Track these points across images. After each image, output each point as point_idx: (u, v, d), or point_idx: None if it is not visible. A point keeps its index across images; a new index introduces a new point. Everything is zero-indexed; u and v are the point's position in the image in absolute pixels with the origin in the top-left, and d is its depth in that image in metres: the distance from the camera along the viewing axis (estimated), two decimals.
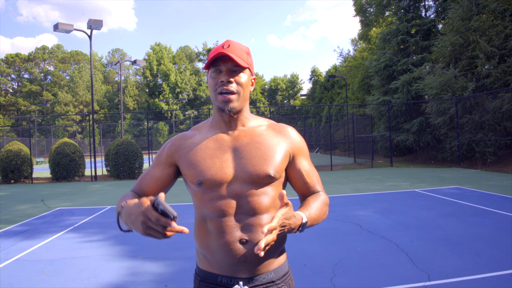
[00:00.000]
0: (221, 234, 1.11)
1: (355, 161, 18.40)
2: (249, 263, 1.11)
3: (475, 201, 6.80)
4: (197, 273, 1.21)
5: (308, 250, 4.23)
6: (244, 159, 1.15)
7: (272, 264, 1.16)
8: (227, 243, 1.10)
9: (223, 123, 1.21)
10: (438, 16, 20.16)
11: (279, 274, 1.17)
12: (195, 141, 1.21)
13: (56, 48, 63.28)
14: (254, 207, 1.12)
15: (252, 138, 1.19)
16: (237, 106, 1.16)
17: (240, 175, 1.13)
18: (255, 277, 1.13)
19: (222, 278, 1.13)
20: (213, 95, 1.18)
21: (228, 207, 1.12)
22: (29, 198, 9.86)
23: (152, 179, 1.25)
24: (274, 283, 1.15)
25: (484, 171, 12.11)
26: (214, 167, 1.14)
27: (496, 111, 12.83)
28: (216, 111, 1.21)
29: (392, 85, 19.04)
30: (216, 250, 1.12)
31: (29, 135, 15.44)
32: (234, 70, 1.15)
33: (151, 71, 55.43)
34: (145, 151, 20.73)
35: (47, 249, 4.69)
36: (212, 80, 1.18)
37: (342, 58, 37.79)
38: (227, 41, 1.18)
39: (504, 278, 3.20)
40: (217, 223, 1.12)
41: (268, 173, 1.14)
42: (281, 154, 1.18)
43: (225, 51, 1.12)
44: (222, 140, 1.19)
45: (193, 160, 1.17)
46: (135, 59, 21.34)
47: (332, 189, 9.32)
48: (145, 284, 3.43)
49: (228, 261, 1.11)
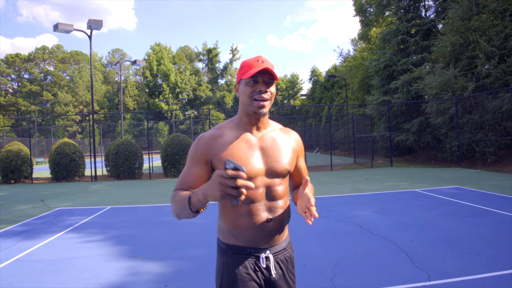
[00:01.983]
0: (252, 215, 1.40)
1: (355, 161, 18.40)
2: (271, 237, 1.44)
3: (475, 201, 6.80)
4: (225, 249, 1.47)
5: (308, 250, 4.23)
6: (270, 157, 1.44)
7: (283, 237, 1.51)
8: (257, 222, 1.40)
9: (250, 125, 1.46)
10: (438, 16, 20.15)
11: (287, 243, 1.55)
12: (226, 140, 1.43)
13: (56, 48, 63.28)
14: (276, 194, 1.44)
15: (273, 140, 1.48)
16: (267, 111, 1.43)
17: (269, 169, 1.43)
18: (274, 246, 1.47)
19: (250, 249, 1.44)
20: (248, 100, 1.40)
21: (258, 194, 1.41)
22: (29, 198, 9.86)
23: (194, 176, 1.43)
24: (285, 249, 1.52)
25: (484, 171, 12.10)
26: (249, 163, 1.39)
27: (496, 111, 12.83)
28: (245, 113, 1.44)
29: (392, 85, 19.03)
30: (247, 228, 1.41)
31: (29, 135, 15.44)
32: (269, 81, 1.40)
33: (151, 71, 55.42)
34: (145, 151, 20.74)
35: (47, 249, 4.69)
36: (250, 88, 1.40)
37: (342, 58, 37.81)
38: (260, 57, 1.42)
39: (504, 278, 3.20)
40: (248, 208, 1.40)
41: (288, 169, 1.48)
42: (292, 153, 1.52)
43: (266, 67, 1.36)
44: (250, 140, 1.44)
45: (229, 156, 1.39)
46: (135, 59, 21.34)
47: (332, 189, 9.32)
48: (145, 284, 3.43)
49: (256, 236, 1.41)
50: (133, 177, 14.33)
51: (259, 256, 1.44)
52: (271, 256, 1.45)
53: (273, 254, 1.46)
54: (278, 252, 1.48)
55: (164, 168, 14.30)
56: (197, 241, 4.80)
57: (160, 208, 7.50)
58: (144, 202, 8.42)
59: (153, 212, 7.08)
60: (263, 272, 1.44)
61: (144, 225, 5.96)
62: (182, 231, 5.39)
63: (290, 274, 1.51)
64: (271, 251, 1.46)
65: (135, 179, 14.24)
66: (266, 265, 1.44)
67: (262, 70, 1.37)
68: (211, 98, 57.83)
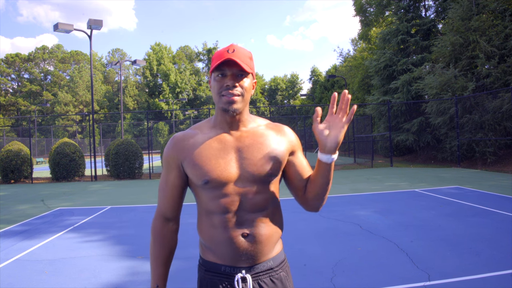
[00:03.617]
0: (225, 229, 1.20)
1: (355, 161, 18.40)
2: (250, 254, 1.21)
3: (475, 201, 6.80)
4: (201, 264, 1.30)
5: (308, 250, 4.23)
6: (247, 160, 1.21)
7: (270, 253, 1.26)
8: (231, 237, 1.20)
9: (225, 123, 1.25)
10: (438, 16, 20.15)
11: (277, 261, 1.28)
12: (198, 141, 1.25)
13: (56, 48, 63.26)
14: (255, 204, 1.21)
15: (254, 139, 1.24)
16: (240, 107, 1.21)
17: (243, 174, 1.20)
18: (255, 265, 1.23)
19: (225, 267, 1.23)
20: (217, 97, 1.21)
21: (232, 204, 1.20)
22: (29, 198, 9.86)
23: (171, 185, 1.29)
24: (272, 269, 1.25)
25: (484, 171, 12.10)
26: (219, 167, 1.19)
27: (496, 111, 12.82)
28: (219, 112, 1.24)
29: (392, 85, 19.02)
30: (220, 243, 1.21)
31: (29, 135, 15.44)
32: (239, 74, 1.19)
33: (151, 71, 55.41)
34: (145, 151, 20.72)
35: (47, 249, 4.69)
36: (217, 83, 1.20)
37: (342, 58, 37.80)
38: (231, 46, 1.21)
39: (504, 278, 3.20)
40: (221, 219, 1.20)
41: (270, 173, 1.22)
42: (282, 152, 1.26)
43: (231, 56, 1.16)
44: (225, 141, 1.24)
45: (198, 160, 1.22)
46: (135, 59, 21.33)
47: (332, 189, 9.32)
48: (145, 284, 3.43)
49: (231, 253, 1.21)
50: (133, 177, 14.33)
51: (234, 276, 1.22)
52: (249, 277, 1.21)
53: (253, 274, 1.22)
54: (260, 272, 1.23)
55: None
56: (196, 241, 4.77)
57: None
58: (144, 202, 8.42)
59: (153, 212, 7.07)
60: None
61: (144, 225, 5.96)
62: (181, 231, 5.35)
63: None
64: (250, 271, 1.22)
65: (135, 179, 14.24)
66: (241, 287, 1.21)
67: (230, 61, 1.16)
68: (211, 98, 57.77)
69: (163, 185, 1.30)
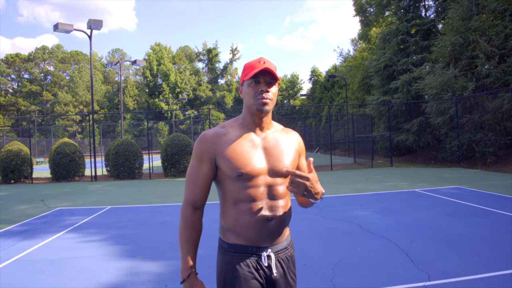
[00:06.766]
0: (254, 214, 1.42)
1: (355, 161, 18.39)
2: (272, 236, 1.46)
3: (475, 201, 6.80)
4: (227, 248, 1.48)
5: (308, 250, 4.23)
6: (273, 157, 1.47)
7: (284, 236, 1.54)
8: (259, 221, 1.42)
9: (253, 124, 1.49)
10: (438, 16, 20.15)
11: (288, 242, 1.56)
12: (230, 138, 1.46)
13: (56, 48, 63.26)
14: (277, 193, 1.46)
15: (276, 140, 1.51)
16: (270, 109, 1.45)
17: (270, 169, 1.45)
18: (275, 245, 1.49)
19: (252, 248, 1.45)
20: (252, 100, 1.43)
21: (260, 193, 1.43)
22: (29, 198, 9.86)
23: (203, 177, 1.47)
24: (286, 248, 1.54)
25: (484, 171, 12.10)
26: (251, 162, 1.42)
27: (496, 111, 12.82)
28: (248, 113, 1.48)
29: (392, 85, 19.03)
30: (248, 227, 1.43)
31: (29, 135, 15.43)
32: (270, 82, 1.44)
33: (151, 71, 55.41)
34: (145, 151, 20.73)
35: (47, 249, 4.69)
36: (252, 89, 1.43)
37: (342, 58, 37.80)
38: (261, 58, 1.44)
39: (504, 278, 3.20)
40: (250, 206, 1.42)
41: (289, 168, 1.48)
42: (295, 153, 1.55)
43: (267, 67, 1.40)
44: (253, 140, 1.48)
45: (232, 155, 1.42)
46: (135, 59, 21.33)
47: (332, 189, 9.31)
48: (145, 284, 3.43)
49: (258, 235, 1.44)
50: (133, 177, 14.32)
51: (261, 254, 1.46)
52: (273, 255, 1.47)
53: (275, 253, 1.48)
54: (279, 251, 1.50)
55: (164, 168, 14.30)
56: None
57: (160, 208, 7.50)
58: (144, 202, 8.42)
59: (153, 212, 7.08)
60: (265, 270, 1.46)
61: (144, 225, 5.96)
62: None
63: (291, 273, 1.53)
64: (272, 249, 1.47)
65: (135, 179, 14.23)
66: (267, 263, 1.46)
67: (264, 71, 1.41)
68: (211, 98, 57.80)
69: (194, 176, 1.48)
